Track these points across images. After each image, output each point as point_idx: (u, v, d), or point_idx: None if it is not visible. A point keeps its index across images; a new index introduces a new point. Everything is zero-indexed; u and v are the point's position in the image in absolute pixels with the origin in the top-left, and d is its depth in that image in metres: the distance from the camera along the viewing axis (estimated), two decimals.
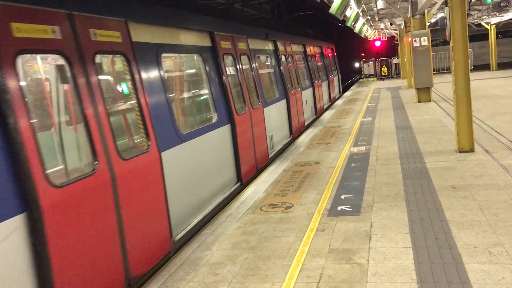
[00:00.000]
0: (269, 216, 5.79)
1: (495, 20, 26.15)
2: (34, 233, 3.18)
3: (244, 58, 8.70)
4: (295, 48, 13.90)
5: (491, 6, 20.11)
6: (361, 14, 19.37)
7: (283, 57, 11.91)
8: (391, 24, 26.68)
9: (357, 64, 47.84)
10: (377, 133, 10.92)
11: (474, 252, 4.17)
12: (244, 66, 8.58)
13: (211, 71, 7.02)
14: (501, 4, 18.93)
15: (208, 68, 6.94)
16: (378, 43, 37.98)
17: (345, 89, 29.39)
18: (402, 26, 24.28)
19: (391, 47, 41.95)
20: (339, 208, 5.79)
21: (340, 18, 14.75)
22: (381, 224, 5.08)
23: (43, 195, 3.25)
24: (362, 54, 47.73)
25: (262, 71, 10.25)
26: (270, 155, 9.37)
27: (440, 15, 21.83)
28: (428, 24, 16.61)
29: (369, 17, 22.65)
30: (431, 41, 17.08)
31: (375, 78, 32.96)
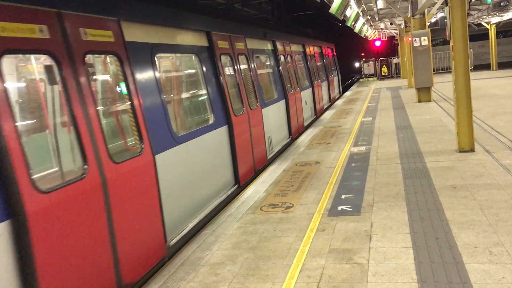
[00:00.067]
0: (270, 216, 5.79)
1: (495, 19, 26.15)
2: (19, 240, 3.06)
3: (242, 58, 8.62)
4: (294, 48, 13.82)
5: (491, 5, 20.11)
6: (361, 14, 19.38)
7: (282, 57, 11.82)
8: (391, 24, 26.68)
9: (357, 64, 47.84)
10: (377, 133, 10.92)
11: (475, 252, 4.16)
12: (242, 66, 8.50)
13: (208, 72, 6.91)
14: (501, 4, 18.94)
15: (204, 69, 6.83)
16: (378, 43, 37.99)
17: (345, 89, 29.39)
18: (402, 26, 24.28)
19: (391, 47, 41.95)
20: (339, 208, 5.79)
21: (340, 18, 14.76)
22: (382, 224, 5.08)
23: (28, 201, 3.12)
24: (362, 54, 47.73)
25: (260, 71, 10.16)
26: (269, 157, 9.28)
27: (440, 15, 21.83)
28: (428, 23, 16.62)
29: (369, 17, 22.67)
30: (431, 40, 17.08)
31: (375, 78, 32.97)
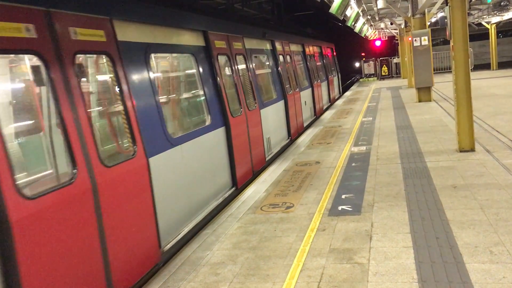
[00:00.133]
0: (270, 216, 5.79)
1: (495, 19, 26.14)
2: (3, 249, 2.92)
3: (240, 58, 8.51)
4: (293, 48, 13.74)
5: (491, 5, 20.11)
6: (361, 14, 19.37)
7: (281, 57, 11.74)
8: (391, 24, 26.66)
9: (357, 64, 47.84)
10: (378, 132, 10.91)
11: (475, 251, 4.16)
12: (239, 67, 8.39)
13: (204, 72, 6.80)
14: (501, 4, 18.94)
15: (201, 69, 6.72)
16: (378, 43, 38.00)
17: (345, 89, 29.38)
18: (403, 26, 24.27)
19: (392, 46, 41.94)
20: (339, 208, 5.79)
21: (340, 17, 14.76)
22: (382, 224, 5.08)
23: (13, 208, 2.98)
24: (363, 54, 47.74)
25: (259, 72, 10.07)
26: (267, 158, 9.18)
27: (440, 15, 21.84)
28: (429, 23, 16.60)
29: (369, 17, 22.66)
30: (432, 40, 17.08)
31: (376, 78, 32.97)
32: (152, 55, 5.44)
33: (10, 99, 4.18)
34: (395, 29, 29.18)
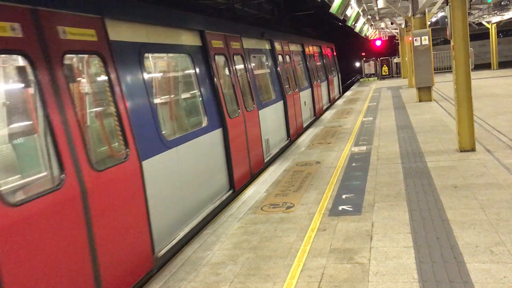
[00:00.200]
0: (270, 216, 5.79)
1: (496, 19, 26.13)
2: None
3: (237, 58, 8.41)
4: (293, 48, 13.66)
5: (491, 5, 20.10)
6: (361, 14, 19.36)
7: (280, 57, 11.64)
8: (392, 24, 26.65)
9: (357, 64, 47.85)
10: (378, 132, 10.91)
11: (476, 251, 4.16)
12: (237, 67, 8.29)
13: (201, 72, 6.68)
14: (502, 3, 18.92)
15: (197, 69, 6.60)
16: (378, 43, 37.98)
17: (345, 89, 29.38)
18: (403, 26, 24.26)
19: (392, 46, 41.92)
20: (340, 207, 5.79)
21: (341, 17, 14.74)
22: (382, 224, 5.08)
23: None
24: (363, 54, 47.73)
25: (257, 72, 9.98)
26: (266, 160, 9.06)
27: (440, 14, 21.84)
28: (429, 23, 16.58)
29: (369, 17, 22.65)
30: (432, 40, 17.06)
31: (376, 78, 32.97)
32: (146, 55, 5.31)
33: None
34: (395, 29, 29.18)
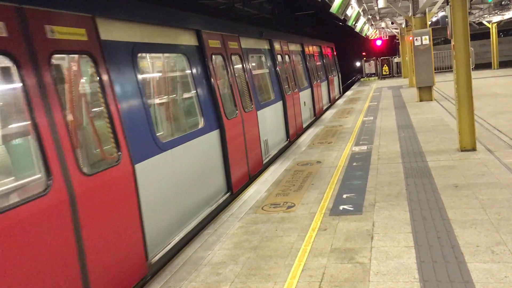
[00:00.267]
0: (271, 216, 5.79)
1: (496, 18, 26.11)
2: None
3: (235, 58, 8.31)
4: (292, 48, 13.58)
5: (492, 4, 20.09)
6: (362, 13, 19.36)
7: (279, 57, 11.55)
8: (392, 23, 26.65)
9: (358, 63, 47.86)
10: (379, 132, 10.91)
11: (477, 251, 4.16)
12: (235, 67, 8.18)
13: (197, 73, 6.56)
14: (502, 3, 18.92)
15: (194, 69, 6.47)
16: (379, 42, 37.98)
17: (346, 89, 29.36)
18: (403, 25, 24.26)
19: (392, 46, 41.93)
20: (341, 207, 5.79)
21: (341, 17, 14.73)
22: (383, 223, 5.07)
23: None
24: (363, 53, 47.74)
25: (256, 72, 9.90)
26: (265, 161, 8.95)
27: (441, 14, 21.83)
28: (429, 23, 16.58)
29: (370, 16, 22.64)
30: (432, 40, 17.05)
31: (376, 77, 32.97)
32: (140, 55, 5.18)
33: None
34: (396, 29, 29.17)
